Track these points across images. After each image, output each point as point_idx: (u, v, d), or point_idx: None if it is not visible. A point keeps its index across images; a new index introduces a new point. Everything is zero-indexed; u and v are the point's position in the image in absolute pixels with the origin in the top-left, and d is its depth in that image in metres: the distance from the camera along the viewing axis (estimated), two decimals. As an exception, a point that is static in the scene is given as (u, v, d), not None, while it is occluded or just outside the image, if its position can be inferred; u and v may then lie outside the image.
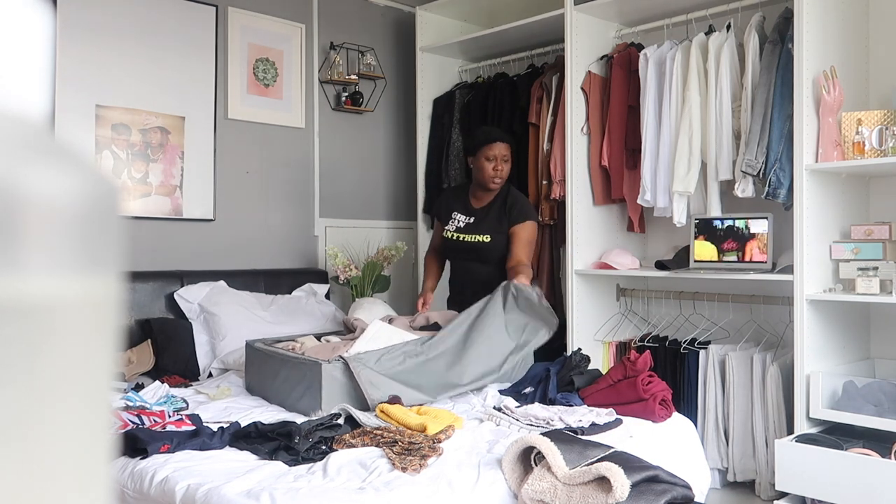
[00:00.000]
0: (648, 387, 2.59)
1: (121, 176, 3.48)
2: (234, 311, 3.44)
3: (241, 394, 2.88)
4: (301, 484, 1.88)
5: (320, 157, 4.20)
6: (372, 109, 4.36)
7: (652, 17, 3.53)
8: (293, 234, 4.08)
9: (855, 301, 2.79)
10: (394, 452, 2.05)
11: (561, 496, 1.89)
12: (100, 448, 0.28)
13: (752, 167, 2.97)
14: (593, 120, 3.57)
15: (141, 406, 2.48)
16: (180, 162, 3.67)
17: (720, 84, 3.13)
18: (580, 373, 2.79)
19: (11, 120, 0.26)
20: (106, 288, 0.28)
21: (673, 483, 1.97)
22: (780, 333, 3.18)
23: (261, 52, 3.96)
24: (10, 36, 0.27)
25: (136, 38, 3.52)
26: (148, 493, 1.97)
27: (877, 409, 2.67)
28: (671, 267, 3.33)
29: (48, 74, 0.29)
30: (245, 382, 2.97)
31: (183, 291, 3.46)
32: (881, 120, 2.76)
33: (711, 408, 3.14)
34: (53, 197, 0.25)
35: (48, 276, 0.25)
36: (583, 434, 2.27)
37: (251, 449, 2.16)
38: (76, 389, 0.27)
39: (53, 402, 0.26)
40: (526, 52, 4.06)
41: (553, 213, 3.75)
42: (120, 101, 3.48)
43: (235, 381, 3.04)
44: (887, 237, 2.80)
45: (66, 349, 0.26)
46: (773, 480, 2.77)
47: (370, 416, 2.37)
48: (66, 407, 0.26)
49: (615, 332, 3.64)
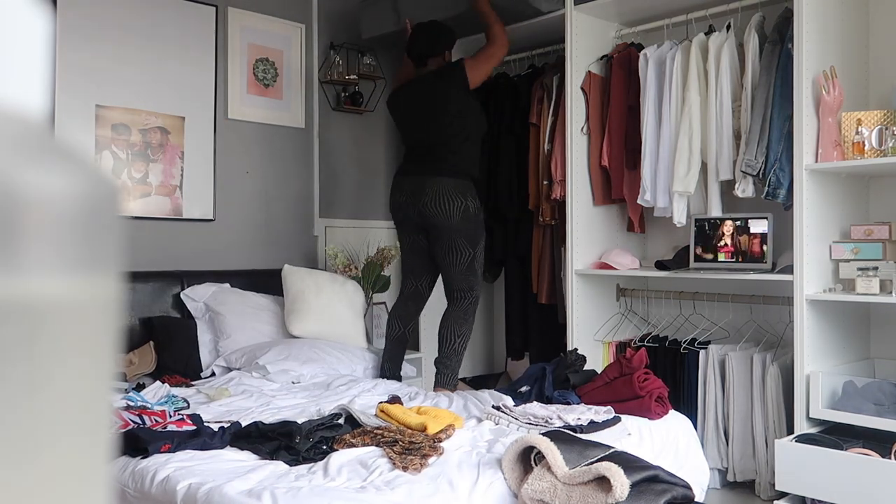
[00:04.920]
0: (644, 384, 2.60)
1: (121, 176, 3.48)
2: (239, 311, 3.47)
3: (240, 394, 2.89)
4: (302, 483, 1.88)
5: (320, 157, 4.20)
6: (372, 109, 4.36)
7: (652, 17, 3.52)
8: (293, 234, 4.09)
9: (855, 301, 2.79)
10: (394, 452, 2.05)
11: (560, 496, 1.89)
12: (100, 448, 0.28)
13: (752, 167, 2.97)
14: (593, 120, 3.57)
15: (142, 406, 2.48)
16: (180, 162, 3.67)
17: (720, 84, 3.13)
18: (575, 371, 2.80)
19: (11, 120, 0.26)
20: (106, 288, 0.28)
21: (673, 483, 1.97)
22: (780, 333, 3.18)
23: (261, 53, 3.96)
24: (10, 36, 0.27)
25: (136, 38, 3.52)
26: (149, 492, 1.97)
27: (877, 409, 2.67)
28: (671, 267, 3.33)
29: (48, 74, 0.29)
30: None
31: (189, 291, 3.49)
32: (881, 120, 2.76)
33: (711, 408, 3.14)
34: (53, 197, 0.25)
35: (48, 277, 0.25)
36: (581, 432, 2.27)
37: (252, 449, 2.16)
38: (76, 389, 0.27)
39: (53, 402, 0.26)
40: (526, 52, 4.06)
41: (553, 213, 3.75)
42: (120, 101, 3.48)
43: (236, 381, 3.04)
44: (887, 237, 2.80)
45: (66, 349, 0.26)
46: (773, 480, 2.77)
47: (370, 416, 2.37)
48: (65, 407, 0.26)
49: (615, 332, 3.64)
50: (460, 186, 3.31)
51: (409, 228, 3.46)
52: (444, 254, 3.35)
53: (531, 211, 3.90)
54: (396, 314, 3.54)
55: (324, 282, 3.65)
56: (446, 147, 3.35)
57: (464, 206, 3.29)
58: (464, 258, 3.34)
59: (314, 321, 3.51)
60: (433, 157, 3.37)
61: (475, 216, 3.34)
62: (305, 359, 3.24)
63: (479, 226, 3.38)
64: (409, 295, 3.54)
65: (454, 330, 3.35)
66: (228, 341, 3.37)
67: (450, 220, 3.29)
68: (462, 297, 3.37)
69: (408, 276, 3.55)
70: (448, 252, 3.34)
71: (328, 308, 3.56)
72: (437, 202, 3.28)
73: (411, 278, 3.54)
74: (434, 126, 3.39)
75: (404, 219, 3.44)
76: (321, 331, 3.51)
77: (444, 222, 3.29)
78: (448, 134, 3.36)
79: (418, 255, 3.49)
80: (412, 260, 3.52)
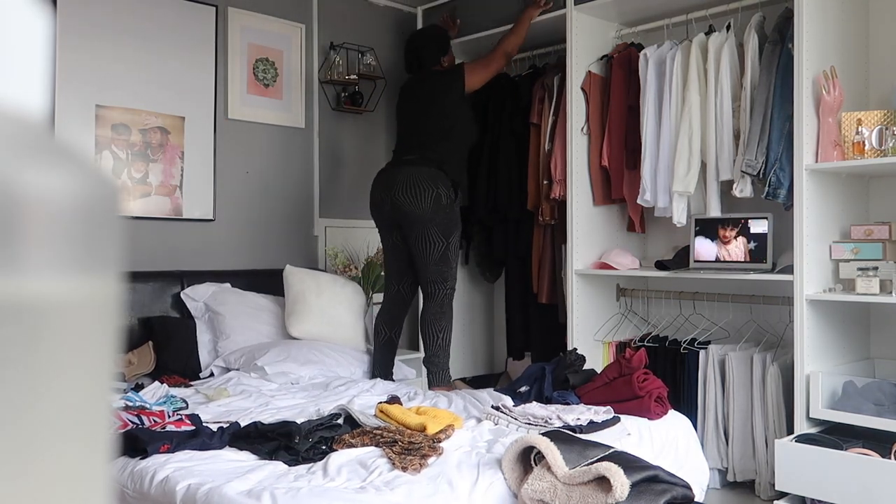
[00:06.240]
0: (644, 384, 2.60)
1: (121, 176, 3.48)
2: (239, 311, 3.47)
3: (239, 394, 2.89)
4: (302, 483, 1.88)
5: (320, 157, 4.20)
6: (372, 109, 4.36)
7: (652, 18, 3.53)
8: (293, 234, 4.08)
9: (855, 301, 2.79)
10: (394, 452, 2.05)
11: (560, 496, 1.89)
12: (99, 448, 0.28)
13: (752, 167, 2.97)
14: (593, 120, 3.58)
15: (141, 406, 2.48)
16: (180, 162, 3.67)
17: (720, 84, 3.13)
18: (575, 371, 2.80)
19: (11, 120, 0.26)
20: (106, 288, 0.28)
21: (673, 483, 1.97)
22: (780, 333, 3.18)
23: (261, 52, 3.96)
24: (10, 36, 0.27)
25: (136, 38, 3.52)
26: (148, 492, 1.97)
27: (877, 409, 2.67)
28: (671, 267, 3.33)
29: (48, 74, 0.29)
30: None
31: (189, 291, 3.49)
32: (881, 120, 2.76)
33: (711, 408, 3.14)
34: (53, 197, 0.25)
35: (48, 277, 0.25)
36: (581, 432, 2.27)
37: (251, 449, 2.16)
38: (76, 389, 0.27)
39: (53, 402, 0.26)
40: (527, 52, 4.06)
41: (553, 213, 3.75)
42: (120, 101, 3.48)
43: (235, 381, 3.04)
44: (887, 237, 2.80)
45: (65, 349, 0.26)
46: (773, 480, 2.77)
47: (369, 416, 2.37)
48: (65, 407, 0.26)
49: (615, 332, 3.64)
50: (431, 174, 3.28)
51: (386, 227, 3.45)
52: (417, 245, 3.32)
53: (532, 211, 3.90)
54: (382, 319, 3.53)
55: (325, 283, 3.65)
56: (425, 144, 3.36)
57: (435, 193, 3.25)
58: (437, 249, 3.30)
59: (314, 323, 3.50)
60: (411, 153, 3.38)
61: (448, 206, 3.30)
62: (304, 360, 3.24)
63: (452, 216, 3.34)
64: (391, 298, 3.54)
65: (434, 326, 3.35)
66: (228, 342, 3.37)
67: (420, 209, 3.25)
68: (436, 289, 3.34)
69: (390, 279, 3.55)
70: (420, 242, 3.30)
71: (329, 310, 3.56)
72: (407, 190, 3.25)
73: (393, 281, 3.54)
74: (420, 122, 3.41)
75: (381, 216, 3.43)
76: (321, 333, 3.51)
77: (415, 210, 3.25)
78: (429, 131, 3.37)
79: (397, 257, 3.48)
80: (392, 262, 3.52)
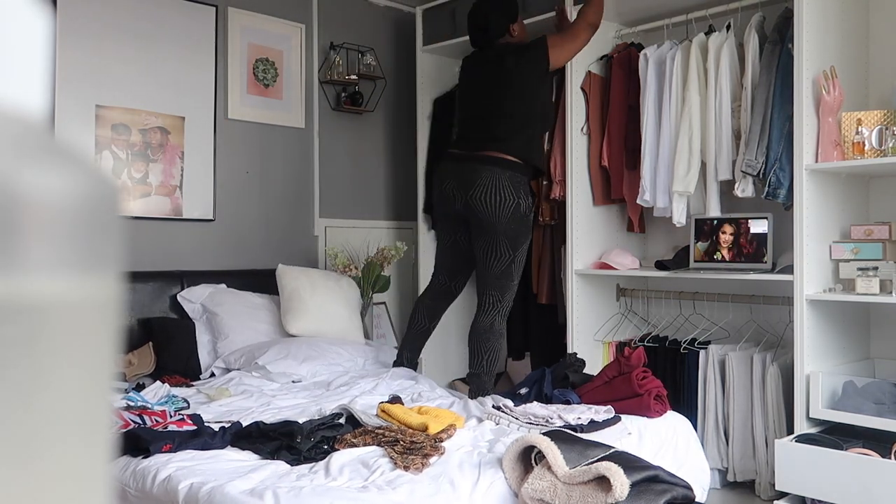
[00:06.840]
0: (643, 382, 2.60)
1: (121, 176, 3.48)
2: (236, 311, 3.47)
3: (240, 394, 2.89)
4: (304, 483, 1.88)
5: (320, 157, 4.20)
6: (372, 109, 4.36)
7: (652, 17, 3.52)
8: (293, 234, 4.08)
9: (855, 301, 2.79)
10: (396, 451, 2.05)
11: (561, 495, 1.89)
12: (100, 448, 0.28)
13: (752, 167, 2.97)
14: (593, 120, 3.58)
15: (142, 406, 2.49)
16: (180, 162, 3.67)
17: (720, 84, 3.13)
18: (574, 371, 2.81)
19: (11, 120, 0.26)
20: (106, 288, 0.28)
21: (673, 483, 1.97)
22: (780, 333, 3.18)
23: (261, 53, 3.96)
24: (10, 36, 0.27)
25: (136, 38, 3.52)
26: (150, 492, 1.97)
27: (877, 408, 2.67)
28: (671, 267, 3.33)
29: (48, 74, 0.29)
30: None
31: (186, 293, 3.48)
32: (881, 120, 2.76)
33: (711, 408, 3.14)
34: (53, 197, 0.25)
35: (48, 277, 0.25)
36: (582, 432, 2.27)
37: (253, 448, 2.16)
38: (76, 389, 0.27)
39: (53, 402, 0.26)
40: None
41: (553, 213, 3.75)
42: (120, 101, 3.48)
43: (236, 381, 3.04)
44: (887, 237, 2.80)
45: (66, 349, 0.26)
46: (773, 480, 2.77)
47: (371, 416, 2.37)
48: (66, 407, 0.26)
49: (615, 333, 3.64)
50: (514, 180, 3.01)
51: (451, 224, 3.18)
52: (481, 252, 3.07)
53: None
54: (424, 310, 3.32)
55: (318, 279, 3.65)
56: (504, 136, 3.04)
57: (515, 203, 3.00)
58: (501, 261, 3.05)
59: (311, 319, 3.50)
60: (489, 146, 3.04)
61: (525, 215, 3.05)
62: (305, 356, 3.24)
63: (525, 225, 3.08)
64: (439, 292, 3.31)
65: (482, 345, 3.06)
66: (226, 342, 3.36)
67: (497, 217, 2.99)
68: (491, 303, 3.06)
69: (441, 273, 3.31)
70: (486, 250, 3.05)
71: (324, 305, 3.56)
72: (488, 196, 2.97)
73: (445, 276, 3.29)
74: (495, 106, 3.06)
75: (448, 212, 3.15)
76: (318, 328, 3.51)
77: (491, 219, 2.99)
78: (507, 117, 3.05)
79: (456, 254, 3.23)
80: (449, 258, 3.27)
